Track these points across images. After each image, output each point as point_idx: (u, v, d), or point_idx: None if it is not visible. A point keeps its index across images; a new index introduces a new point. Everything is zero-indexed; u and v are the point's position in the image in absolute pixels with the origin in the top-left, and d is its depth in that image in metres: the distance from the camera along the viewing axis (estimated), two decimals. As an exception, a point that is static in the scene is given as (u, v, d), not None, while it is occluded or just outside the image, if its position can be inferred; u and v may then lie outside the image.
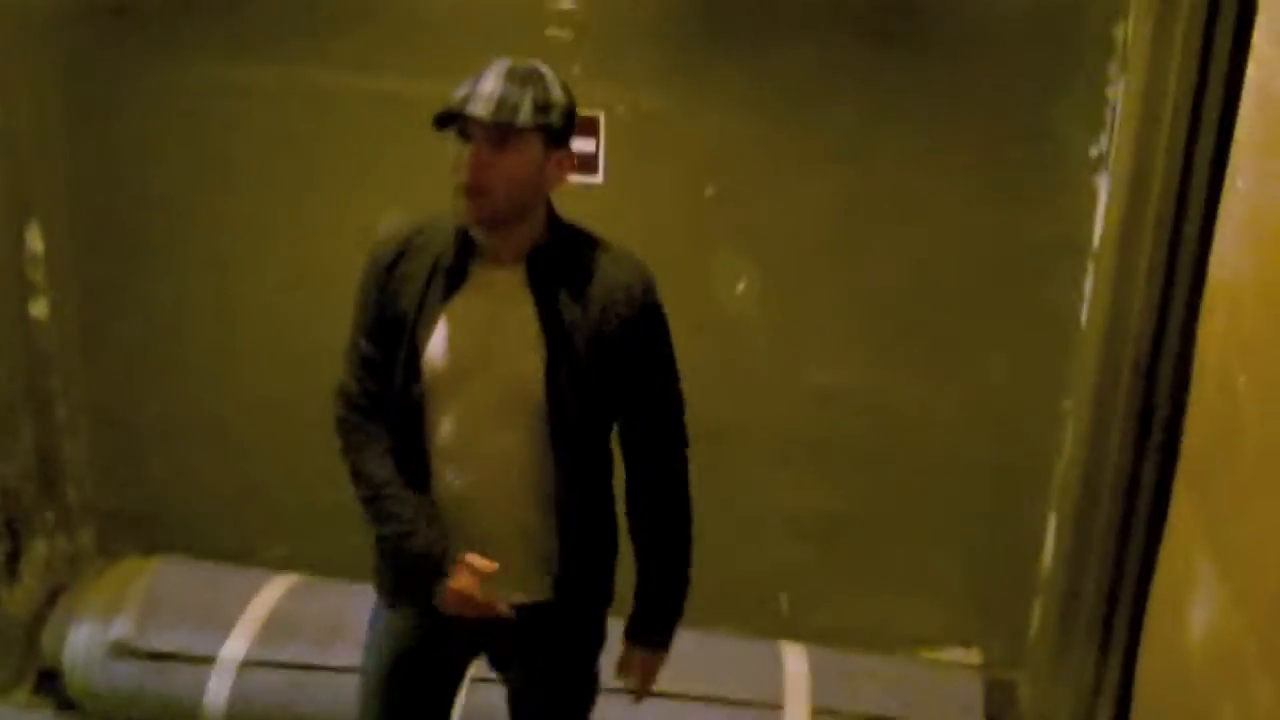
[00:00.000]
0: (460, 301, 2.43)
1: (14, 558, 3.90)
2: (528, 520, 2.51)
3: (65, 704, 3.76)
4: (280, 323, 3.91)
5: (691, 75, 3.56)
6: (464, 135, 2.33)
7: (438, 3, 3.62)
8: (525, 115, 2.29)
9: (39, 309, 3.89)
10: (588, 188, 3.61)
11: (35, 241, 3.84)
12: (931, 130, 3.50)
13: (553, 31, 3.56)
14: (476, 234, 2.41)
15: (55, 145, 3.83)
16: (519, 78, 2.31)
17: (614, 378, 2.47)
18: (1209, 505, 2.83)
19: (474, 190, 2.31)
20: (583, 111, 3.52)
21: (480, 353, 2.42)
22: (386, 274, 2.47)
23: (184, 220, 3.88)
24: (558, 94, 2.35)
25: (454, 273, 2.43)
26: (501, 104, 2.28)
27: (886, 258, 3.61)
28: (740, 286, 3.68)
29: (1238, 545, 2.56)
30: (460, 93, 2.31)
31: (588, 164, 3.60)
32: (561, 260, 2.45)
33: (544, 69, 2.37)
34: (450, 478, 2.49)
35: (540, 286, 2.43)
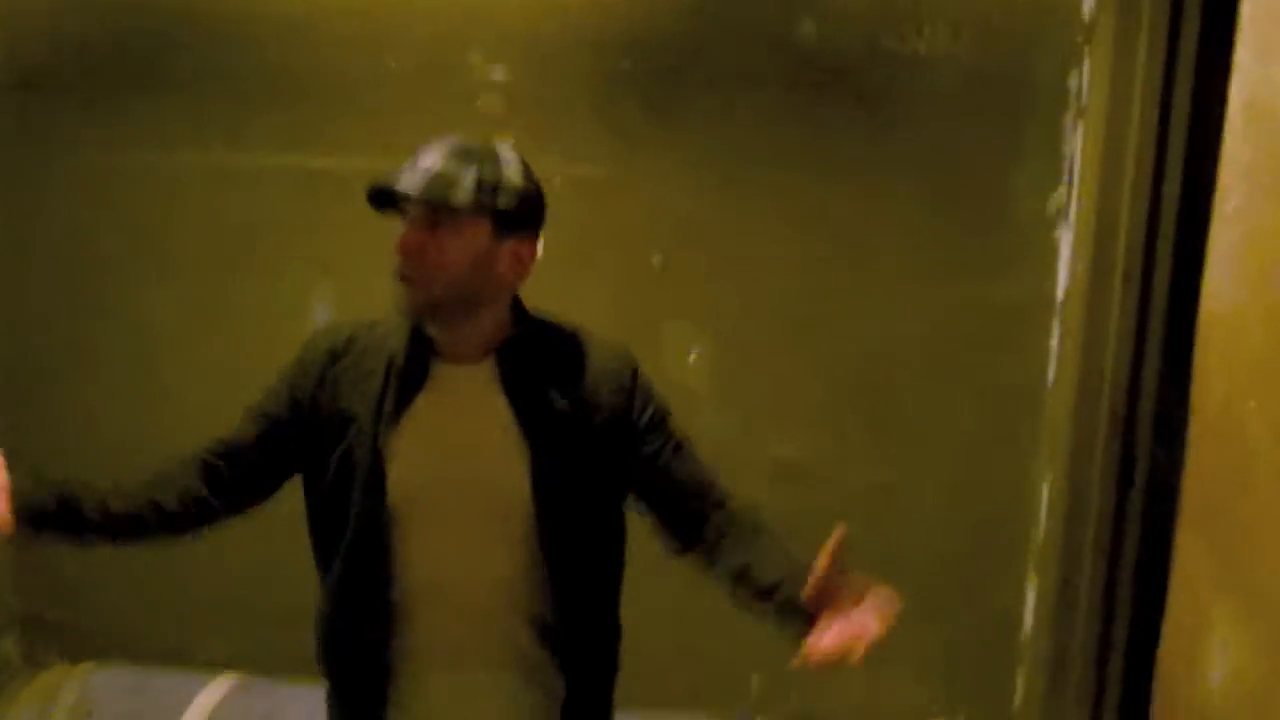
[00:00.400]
0: (424, 405, 2.16)
1: (-68, 670, 3.69)
2: (528, 656, 2.23)
3: (-9, 828, 3.55)
4: (207, 411, 3.70)
5: (631, 142, 3.44)
6: (400, 214, 2.11)
7: (365, 77, 3.48)
8: (463, 195, 2.05)
9: (-50, 408, 3.69)
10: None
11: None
12: (883, 190, 3.40)
13: (484, 101, 3.43)
14: (428, 327, 2.18)
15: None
16: (465, 155, 2.08)
17: (612, 472, 2.24)
18: (1220, 545, 2.71)
19: (405, 276, 2.08)
20: (518, 183, 3.48)
21: (454, 464, 2.16)
22: (328, 364, 2.21)
23: (108, 312, 3.72)
24: (511, 175, 2.11)
25: (411, 371, 2.17)
26: (435, 180, 2.04)
27: (844, 325, 3.49)
28: (692, 357, 3.55)
29: (1258, 582, 2.44)
30: (396, 170, 2.10)
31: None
32: (535, 353, 2.21)
33: (504, 150, 2.14)
34: (428, 620, 2.19)
35: (514, 383, 2.17)
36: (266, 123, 3.53)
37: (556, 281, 3.43)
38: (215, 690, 3.65)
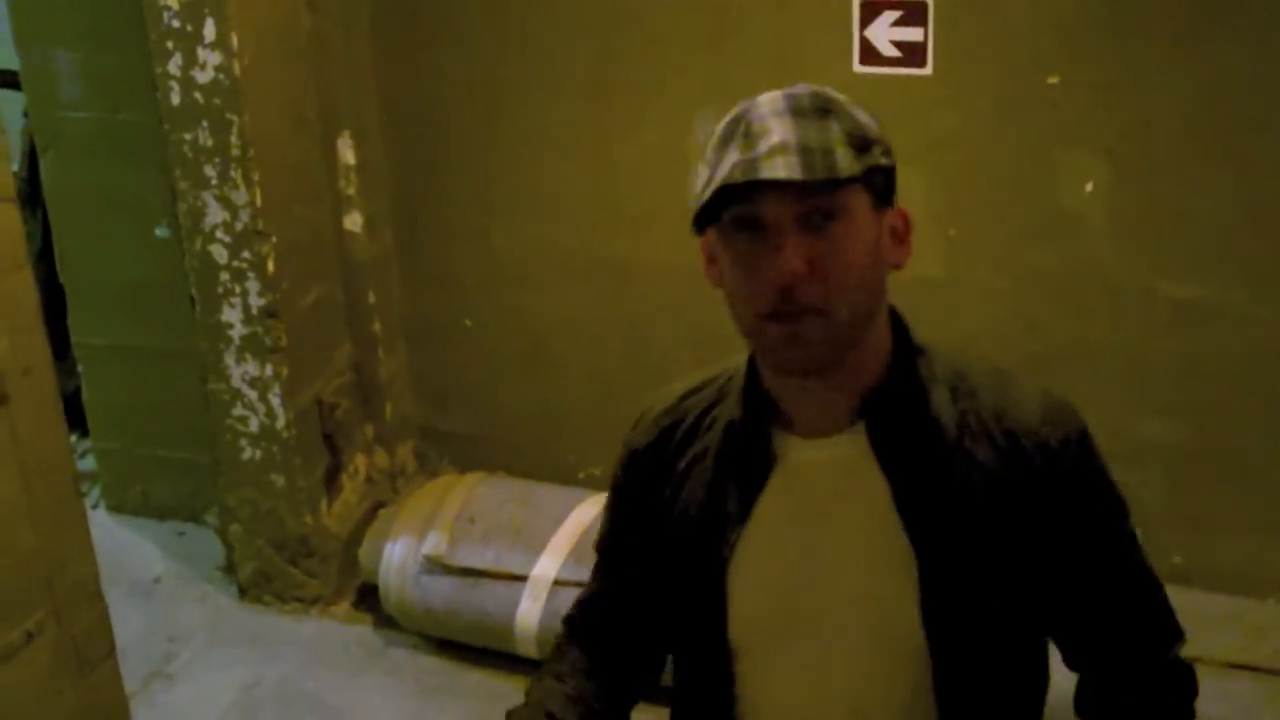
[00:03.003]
0: (770, 501, 1.63)
1: (334, 473, 3.92)
2: None
3: (384, 620, 3.76)
4: (596, 234, 3.76)
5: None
6: (747, 229, 1.50)
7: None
8: (847, 161, 1.46)
9: (352, 222, 3.85)
10: (915, 81, 3.29)
11: (347, 153, 3.79)
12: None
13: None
14: (784, 388, 1.62)
15: (362, 50, 3.75)
16: (812, 110, 1.49)
17: (1029, 581, 1.61)
18: None
19: (793, 311, 1.48)
20: (908, -5, 3.29)
21: (817, 579, 1.62)
22: (647, 478, 1.72)
23: (496, 123, 3.74)
24: (868, 121, 1.53)
25: (755, 458, 1.63)
26: (808, 153, 1.44)
27: (1264, 156, 3.15)
28: (1088, 188, 3.29)
29: None
30: (726, 164, 1.48)
31: (914, 54, 3.29)
32: (918, 406, 1.60)
33: (830, 91, 1.54)
34: None
35: (892, 455, 1.59)
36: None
37: (941, 99, 3.32)
38: (593, 505, 3.71)
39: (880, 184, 1.53)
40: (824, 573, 1.63)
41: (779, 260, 1.46)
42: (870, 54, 3.32)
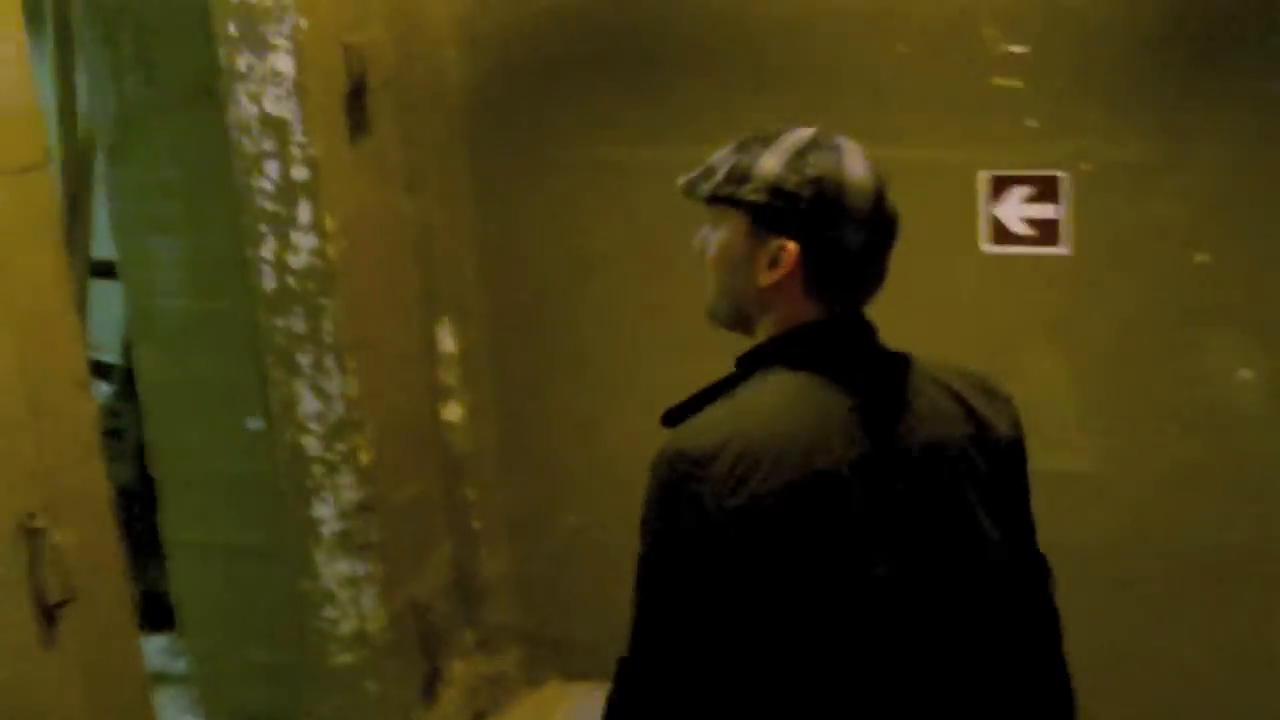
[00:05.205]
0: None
1: (432, 680, 3.75)
2: None
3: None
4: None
5: (1174, 113, 3.02)
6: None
7: (860, 59, 3.24)
8: (713, 186, 1.86)
9: (452, 413, 3.76)
10: (1049, 261, 3.15)
11: (447, 340, 3.71)
12: None
13: (999, 80, 3.10)
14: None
15: (465, 234, 3.70)
16: (747, 144, 1.86)
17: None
18: None
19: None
20: (1040, 171, 3.12)
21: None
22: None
23: (607, 309, 3.66)
24: (770, 165, 1.81)
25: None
26: (704, 173, 1.89)
27: None
28: (1244, 375, 3.07)
29: None
30: None
31: (1048, 232, 3.13)
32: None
33: (799, 135, 1.85)
34: None
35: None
36: (757, 112, 3.35)
37: (1080, 279, 3.14)
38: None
39: (760, 214, 1.82)
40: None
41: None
42: (1001, 233, 3.19)
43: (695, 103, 3.43)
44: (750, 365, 1.88)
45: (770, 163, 1.81)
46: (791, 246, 1.80)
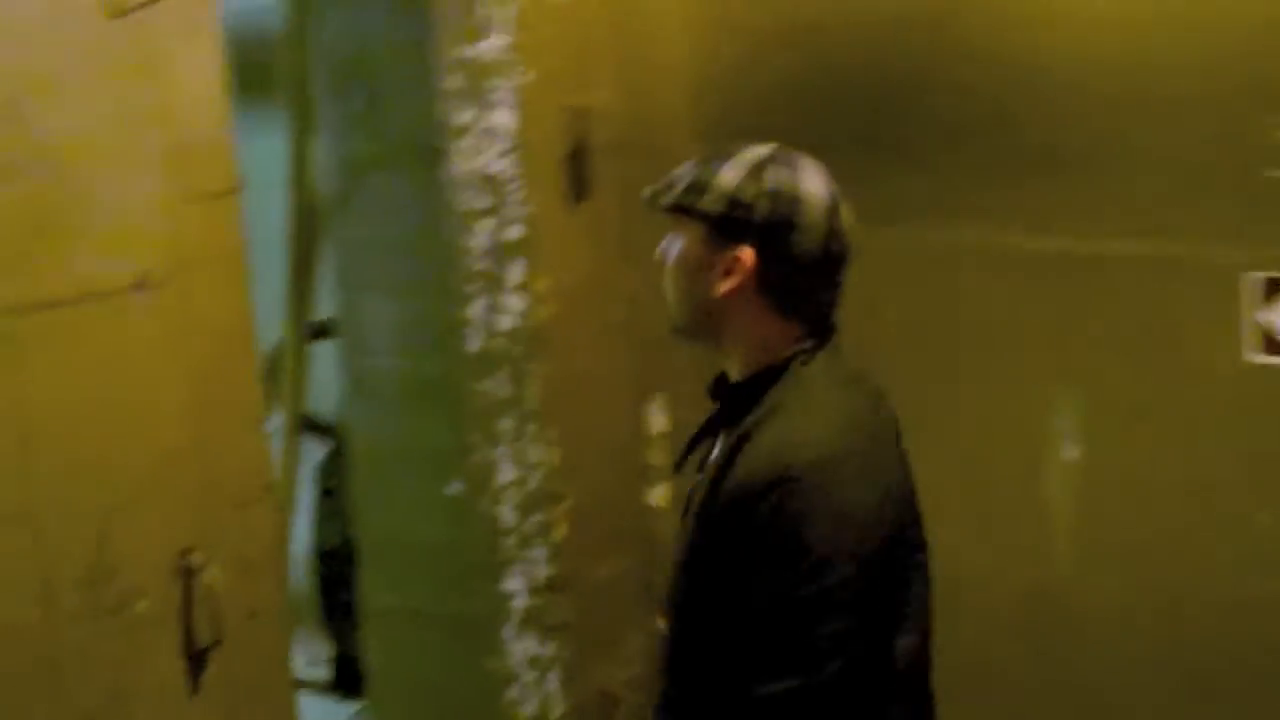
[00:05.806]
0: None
1: (614, 775, 3.54)
2: None
3: None
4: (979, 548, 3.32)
5: None
6: None
7: (1130, 146, 2.98)
8: (673, 197, 1.98)
9: (657, 496, 3.61)
10: None
11: (658, 419, 3.57)
12: None
13: (1273, 173, 2.80)
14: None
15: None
16: (712, 158, 1.98)
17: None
18: None
19: None
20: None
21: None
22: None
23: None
24: (729, 177, 1.93)
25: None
26: (666, 184, 2.01)
27: None
28: None
29: None
30: None
31: None
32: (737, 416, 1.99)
33: (757, 151, 1.96)
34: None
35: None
36: (1009, 190, 3.14)
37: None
38: None
39: (718, 224, 1.93)
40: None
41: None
42: (1272, 344, 2.90)
43: (943, 183, 3.23)
44: (756, 390, 1.97)
45: (729, 175, 1.92)
46: (747, 256, 1.91)
